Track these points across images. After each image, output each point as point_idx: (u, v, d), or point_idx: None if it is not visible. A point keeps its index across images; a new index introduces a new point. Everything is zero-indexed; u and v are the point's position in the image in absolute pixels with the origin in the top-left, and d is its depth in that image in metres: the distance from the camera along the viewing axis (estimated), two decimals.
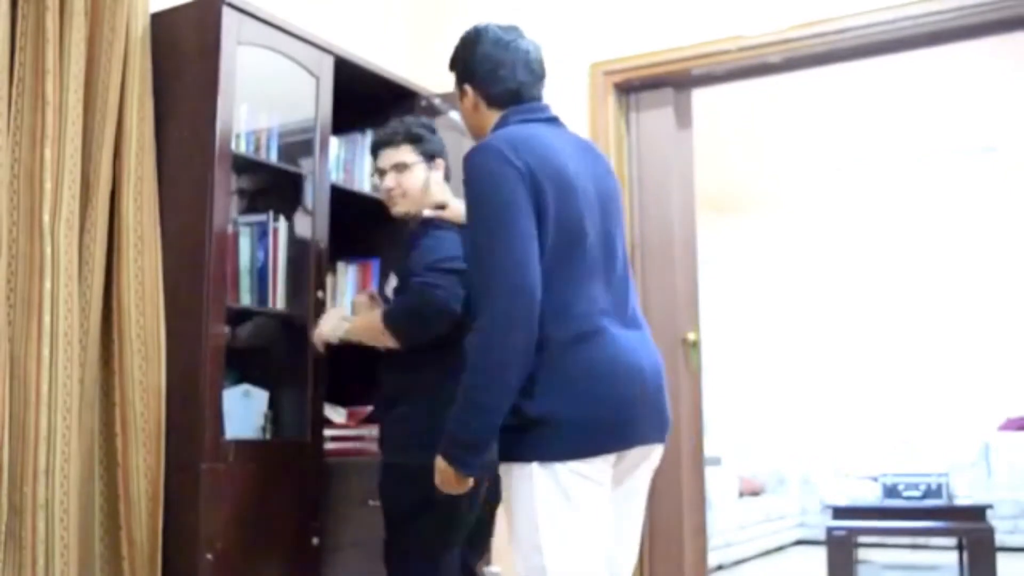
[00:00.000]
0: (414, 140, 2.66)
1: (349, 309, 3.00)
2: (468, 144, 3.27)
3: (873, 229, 7.92)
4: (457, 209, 2.51)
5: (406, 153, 2.65)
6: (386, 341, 2.51)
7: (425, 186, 2.64)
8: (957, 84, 5.83)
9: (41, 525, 2.39)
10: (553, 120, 2.13)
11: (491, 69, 2.12)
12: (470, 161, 1.97)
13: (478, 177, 1.94)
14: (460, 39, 2.21)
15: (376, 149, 2.71)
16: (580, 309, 1.92)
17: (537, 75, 2.16)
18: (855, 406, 8.09)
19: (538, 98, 2.16)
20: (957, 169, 7.33)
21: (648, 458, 2.03)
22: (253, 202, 3.02)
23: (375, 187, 2.98)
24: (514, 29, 2.18)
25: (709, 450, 4.06)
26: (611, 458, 1.92)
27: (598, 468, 1.90)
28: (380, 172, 2.69)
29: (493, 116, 2.13)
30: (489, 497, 2.50)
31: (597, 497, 1.90)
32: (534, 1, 3.97)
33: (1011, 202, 7.41)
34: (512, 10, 3.99)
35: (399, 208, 2.66)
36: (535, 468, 1.86)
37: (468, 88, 2.16)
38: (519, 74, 2.12)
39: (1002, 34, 3.34)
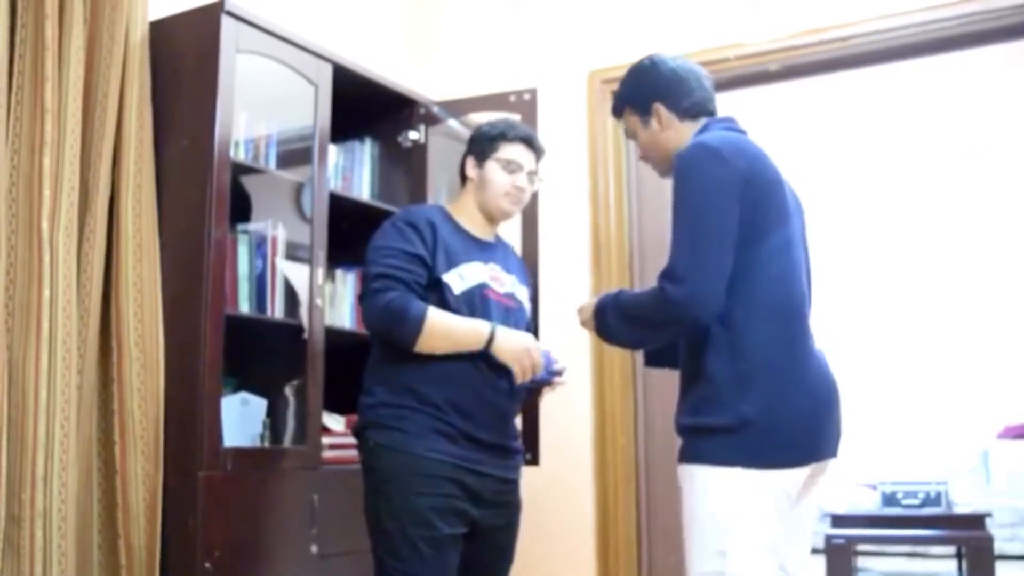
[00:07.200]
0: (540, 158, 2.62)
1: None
2: None
3: (873, 235, 7.90)
4: None
5: (537, 165, 2.60)
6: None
7: None
8: (965, 89, 5.85)
9: (39, 533, 2.38)
10: (744, 132, 2.14)
11: (679, 83, 2.13)
12: (682, 158, 1.97)
13: (688, 175, 1.96)
14: (632, 71, 2.21)
15: (520, 141, 2.53)
16: (793, 313, 1.97)
17: (712, 91, 2.19)
18: (853, 412, 8.06)
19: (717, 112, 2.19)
20: (961, 175, 7.33)
21: (825, 471, 2.06)
22: (252, 210, 3.02)
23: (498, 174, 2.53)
24: (679, 56, 2.22)
25: None
26: (805, 470, 1.96)
27: (793, 479, 1.93)
28: (510, 165, 2.52)
29: (687, 129, 2.12)
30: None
31: (784, 508, 1.92)
32: (533, 10, 3.97)
33: (1015, 209, 7.39)
34: (511, 18, 4.00)
35: (516, 210, 2.59)
36: (736, 472, 1.87)
37: (659, 106, 2.14)
38: (705, 86, 2.16)
39: (1006, 42, 3.34)
